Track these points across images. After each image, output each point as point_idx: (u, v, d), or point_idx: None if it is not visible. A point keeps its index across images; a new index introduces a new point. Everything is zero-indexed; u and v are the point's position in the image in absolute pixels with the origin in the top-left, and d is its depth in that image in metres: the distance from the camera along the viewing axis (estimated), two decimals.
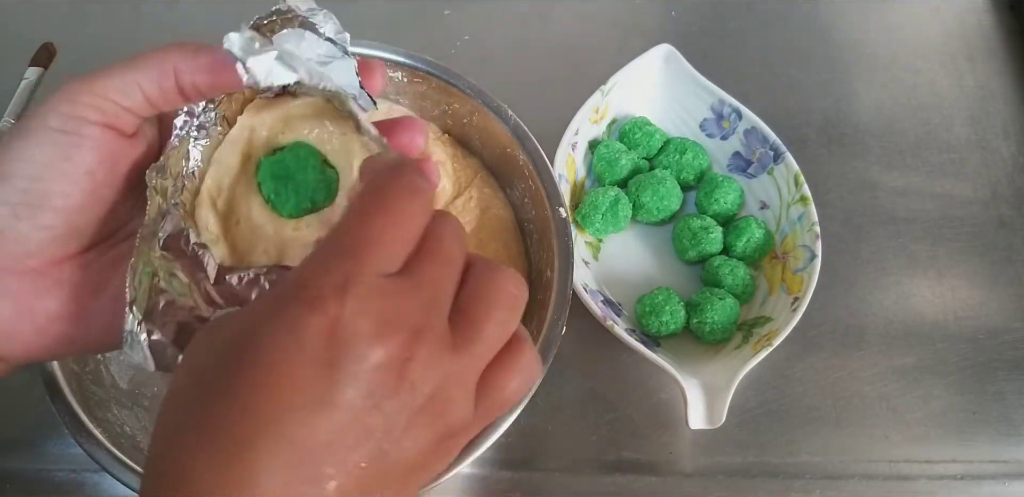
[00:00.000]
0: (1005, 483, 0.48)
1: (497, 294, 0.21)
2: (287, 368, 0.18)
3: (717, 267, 0.49)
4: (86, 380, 0.40)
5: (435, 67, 0.46)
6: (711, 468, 0.47)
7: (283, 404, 0.18)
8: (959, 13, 0.66)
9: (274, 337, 0.18)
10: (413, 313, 0.19)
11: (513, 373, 0.22)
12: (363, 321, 0.18)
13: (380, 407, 0.18)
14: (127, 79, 0.24)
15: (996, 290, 0.54)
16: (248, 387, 0.18)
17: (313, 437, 0.18)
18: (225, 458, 0.18)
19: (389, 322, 0.19)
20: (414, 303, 0.19)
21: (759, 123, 0.52)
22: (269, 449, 0.17)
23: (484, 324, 0.21)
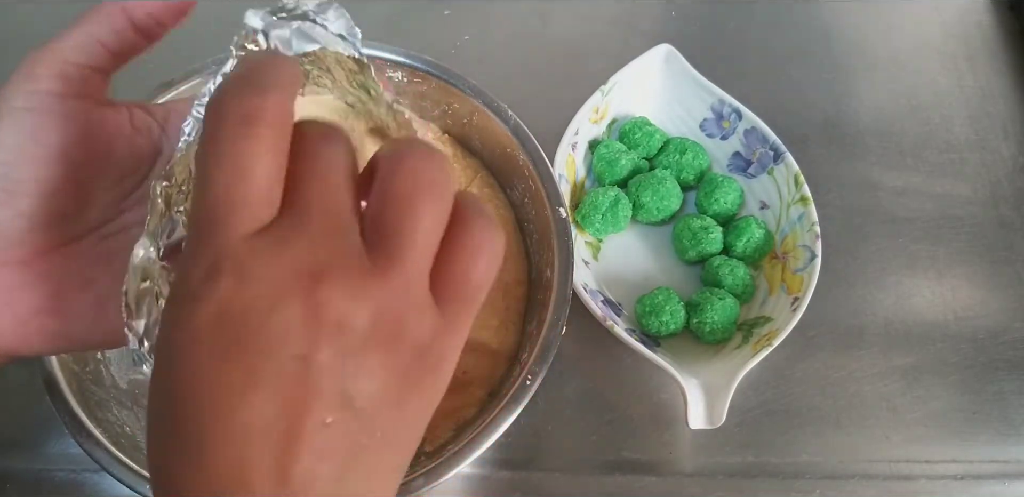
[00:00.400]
0: (1005, 483, 0.48)
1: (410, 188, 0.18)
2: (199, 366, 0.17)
3: (717, 267, 0.49)
4: (86, 380, 0.40)
5: (435, 67, 0.46)
6: (711, 468, 0.47)
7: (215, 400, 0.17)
8: (959, 13, 0.66)
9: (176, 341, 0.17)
10: (302, 257, 0.17)
11: (469, 257, 0.19)
12: (249, 290, 0.17)
13: (314, 361, 0.17)
14: (80, 35, 0.23)
15: (996, 290, 0.54)
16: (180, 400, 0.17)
17: (256, 420, 0.17)
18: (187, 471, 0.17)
19: (276, 278, 0.17)
20: (299, 246, 0.17)
21: (759, 123, 0.52)
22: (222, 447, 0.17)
23: (405, 228, 0.18)
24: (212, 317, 0.17)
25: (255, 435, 0.17)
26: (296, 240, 0.17)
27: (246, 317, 0.17)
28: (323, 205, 0.18)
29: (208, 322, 0.17)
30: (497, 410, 0.38)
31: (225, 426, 0.17)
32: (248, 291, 0.17)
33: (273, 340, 0.17)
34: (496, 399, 0.40)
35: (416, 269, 0.18)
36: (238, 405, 0.17)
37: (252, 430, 0.17)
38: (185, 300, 0.17)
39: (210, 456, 0.17)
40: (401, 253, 0.18)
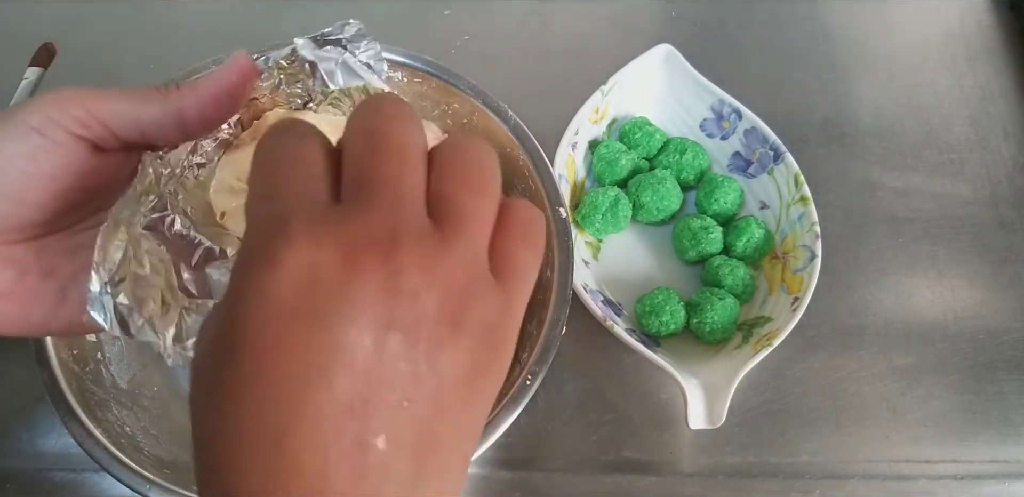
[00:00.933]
0: (1005, 483, 0.48)
1: (466, 168, 0.19)
2: (276, 339, 0.16)
3: (717, 267, 0.49)
4: (86, 380, 0.40)
5: (435, 67, 0.46)
6: (711, 468, 0.47)
7: (291, 376, 0.16)
8: (959, 13, 0.66)
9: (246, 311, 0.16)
10: (376, 224, 0.17)
11: (517, 238, 0.19)
12: (326, 255, 0.16)
13: (389, 336, 0.16)
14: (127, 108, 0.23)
15: (996, 290, 0.54)
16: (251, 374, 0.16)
17: (338, 397, 0.16)
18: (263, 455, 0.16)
19: (353, 245, 0.16)
20: (374, 213, 0.17)
21: (759, 123, 0.52)
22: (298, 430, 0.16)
23: (465, 204, 0.18)
24: (290, 280, 0.16)
25: (335, 415, 0.16)
26: (368, 209, 0.17)
27: (325, 281, 0.16)
28: (395, 179, 0.18)
29: (285, 285, 0.16)
30: (497, 410, 0.38)
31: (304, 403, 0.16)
32: (325, 253, 0.16)
33: (353, 306, 0.16)
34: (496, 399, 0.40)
35: (479, 241, 0.19)
36: (318, 380, 0.16)
37: (332, 409, 0.16)
38: (258, 263, 0.17)
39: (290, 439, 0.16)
40: (464, 225, 0.18)
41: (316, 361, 0.16)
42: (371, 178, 0.18)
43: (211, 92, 0.24)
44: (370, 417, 0.16)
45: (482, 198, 0.19)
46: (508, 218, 0.20)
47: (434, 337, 0.17)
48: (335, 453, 0.16)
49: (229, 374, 0.16)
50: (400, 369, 0.16)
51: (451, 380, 0.17)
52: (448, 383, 0.17)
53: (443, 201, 0.18)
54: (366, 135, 0.19)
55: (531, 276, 0.20)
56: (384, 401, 0.16)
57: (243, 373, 0.16)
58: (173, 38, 0.60)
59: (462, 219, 0.18)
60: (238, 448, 0.16)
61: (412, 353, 0.17)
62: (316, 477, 0.16)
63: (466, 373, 0.17)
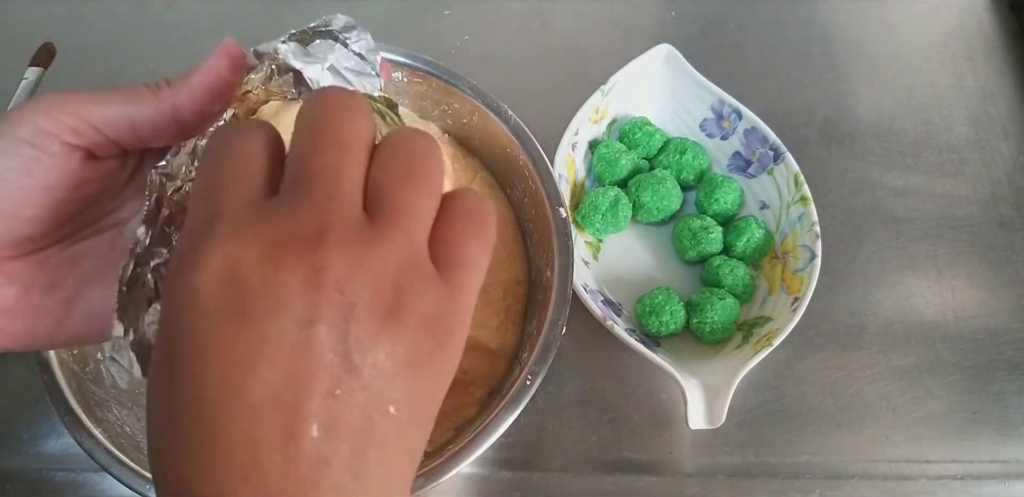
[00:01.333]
0: (1005, 483, 0.48)
1: (407, 160, 0.19)
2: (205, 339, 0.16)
3: (717, 267, 0.49)
4: (86, 380, 0.40)
5: (435, 67, 0.46)
6: (711, 468, 0.47)
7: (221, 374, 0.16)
8: (959, 13, 0.66)
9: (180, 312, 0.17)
10: (306, 219, 0.17)
11: (461, 230, 0.19)
12: (248, 253, 0.17)
13: (317, 329, 0.16)
14: (118, 110, 0.23)
15: (996, 290, 0.54)
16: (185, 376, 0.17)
17: (265, 390, 0.16)
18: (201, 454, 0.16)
19: (277, 242, 0.17)
20: (306, 208, 0.17)
21: (759, 123, 0.52)
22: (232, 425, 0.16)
23: (401, 197, 0.18)
24: (213, 280, 0.16)
25: (263, 408, 0.16)
26: (299, 205, 0.17)
27: (246, 280, 0.16)
28: (331, 173, 0.18)
29: (209, 285, 0.16)
30: (497, 410, 0.38)
31: (233, 399, 0.16)
32: (247, 252, 0.17)
33: (274, 304, 0.16)
34: (496, 399, 0.40)
35: (416, 234, 0.19)
36: (245, 376, 0.16)
37: (261, 403, 0.16)
38: (185, 264, 0.17)
39: (221, 435, 0.16)
40: (400, 219, 0.18)
41: (243, 357, 0.16)
42: (307, 172, 0.18)
43: (203, 84, 0.23)
44: (300, 407, 0.16)
45: (419, 190, 0.19)
46: (453, 210, 0.20)
47: (365, 329, 0.17)
48: (266, 444, 0.16)
49: (166, 375, 0.17)
50: (328, 360, 0.16)
51: (388, 370, 0.17)
52: (385, 373, 0.17)
53: (380, 195, 0.18)
54: (309, 127, 0.19)
55: (478, 267, 0.20)
56: (313, 391, 0.16)
57: (178, 373, 0.17)
58: (173, 38, 0.60)
59: (398, 212, 0.18)
60: (178, 445, 0.17)
61: (341, 345, 0.17)
62: (248, 471, 0.16)
63: (406, 364, 0.17)
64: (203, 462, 0.16)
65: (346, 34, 0.27)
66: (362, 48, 0.27)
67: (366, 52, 0.27)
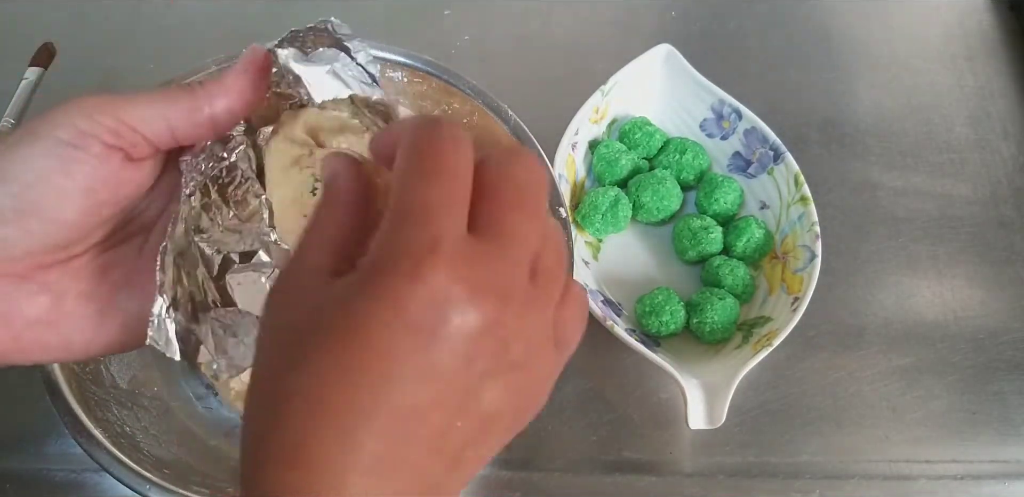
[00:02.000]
0: (1005, 483, 0.48)
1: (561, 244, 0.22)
2: (385, 340, 0.18)
3: (717, 267, 0.49)
4: (86, 380, 0.40)
5: (435, 67, 0.46)
6: (711, 468, 0.47)
7: (391, 375, 0.18)
8: (959, 13, 0.66)
9: (370, 309, 0.18)
10: (502, 275, 0.19)
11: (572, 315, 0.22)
12: (457, 286, 0.18)
13: (477, 371, 0.19)
14: (156, 111, 0.23)
15: (996, 290, 0.54)
16: (357, 361, 0.18)
17: (418, 405, 0.18)
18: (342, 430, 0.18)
19: (480, 285, 0.18)
20: (502, 264, 0.19)
21: (759, 123, 0.52)
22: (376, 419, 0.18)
23: (559, 278, 0.21)
24: (424, 297, 0.18)
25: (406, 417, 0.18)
26: (501, 258, 0.19)
27: (451, 310, 0.18)
28: (525, 242, 0.20)
29: (420, 300, 0.18)
30: None
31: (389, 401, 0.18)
32: (459, 287, 0.18)
33: (453, 340, 0.18)
34: None
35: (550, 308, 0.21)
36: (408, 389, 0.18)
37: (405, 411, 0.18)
38: (402, 272, 0.18)
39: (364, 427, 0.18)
40: (552, 295, 0.21)
41: (416, 368, 0.18)
42: (510, 233, 0.20)
43: (237, 87, 0.25)
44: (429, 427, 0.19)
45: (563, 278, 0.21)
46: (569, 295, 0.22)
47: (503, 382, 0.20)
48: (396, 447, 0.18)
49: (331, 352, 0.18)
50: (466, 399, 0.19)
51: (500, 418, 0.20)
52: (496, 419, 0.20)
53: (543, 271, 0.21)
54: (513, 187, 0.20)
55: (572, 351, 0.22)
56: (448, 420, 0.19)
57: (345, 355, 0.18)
58: (173, 38, 0.60)
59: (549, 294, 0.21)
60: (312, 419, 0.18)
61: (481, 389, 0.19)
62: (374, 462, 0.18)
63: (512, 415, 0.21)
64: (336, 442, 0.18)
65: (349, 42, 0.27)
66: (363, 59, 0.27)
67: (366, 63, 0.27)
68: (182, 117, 0.24)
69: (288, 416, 0.18)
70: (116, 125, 0.23)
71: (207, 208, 0.27)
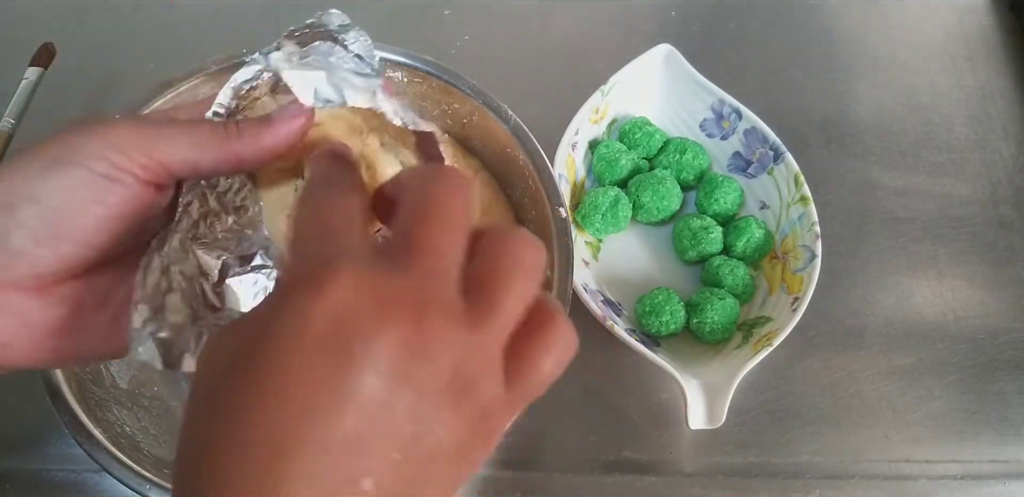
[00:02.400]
0: (1005, 483, 0.48)
1: (513, 262, 0.20)
2: (300, 363, 0.17)
3: (717, 267, 0.49)
4: (86, 380, 0.40)
5: (435, 67, 0.46)
6: (711, 468, 0.47)
7: (305, 404, 0.17)
8: (959, 13, 0.66)
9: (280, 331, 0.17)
10: (414, 286, 0.18)
11: (545, 350, 0.20)
12: (364, 299, 0.17)
13: (400, 389, 0.17)
14: (187, 153, 0.24)
15: (996, 290, 0.54)
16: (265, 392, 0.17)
17: (341, 434, 0.17)
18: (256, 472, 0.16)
19: (389, 297, 0.17)
20: (414, 276, 0.18)
21: (759, 123, 0.52)
22: (301, 452, 0.16)
23: (500, 295, 0.19)
24: (328, 312, 0.17)
25: (332, 448, 0.16)
26: (410, 270, 0.18)
27: (357, 324, 0.17)
28: (439, 251, 0.19)
29: (323, 315, 0.17)
30: None
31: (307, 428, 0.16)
32: (365, 299, 0.17)
33: (376, 355, 0.17)
34: None
35: (500, 335, 0.19)
36: (326, 413, 0.17)
37: (330, 443, 0.16)
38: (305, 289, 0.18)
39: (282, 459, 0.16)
40: (495, 315, 0.19)
41: (333, 393, 0.17)
42: (418, 244, 0.19)
43: (271, 144, 0.25)
44: (364, 458, 0.17)
45: (517, 298, 0.20)
46: (543, 326, 0.20)
47: (438, 403, 0.18)
48: (325, 485, 0.16)
49: (244, 385, 0.17)
50: (401, 423, 0.17)
51: (441, 448, 0.18)
52: (437, 449, 0.18)
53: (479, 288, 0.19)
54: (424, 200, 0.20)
55: (541, 389, 0.20)
56: (381, 447, 0.17)
57: (259, 388, 0.17)
58: (173, 38, 0.60)
59: (492, 313, 0.19)
60: (231, 459, 0.17)
61: (415, 411, 0.17)
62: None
63: (454, 448, 0.18)
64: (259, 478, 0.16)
65: (343, 34, 0.27)
66: (360, 48, 0.27)
67: (364, 52, 0.27)
68: (211, 161, 0.25)
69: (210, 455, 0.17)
70: (148, 162, 0.24)
71: (206, 216, 0.28)
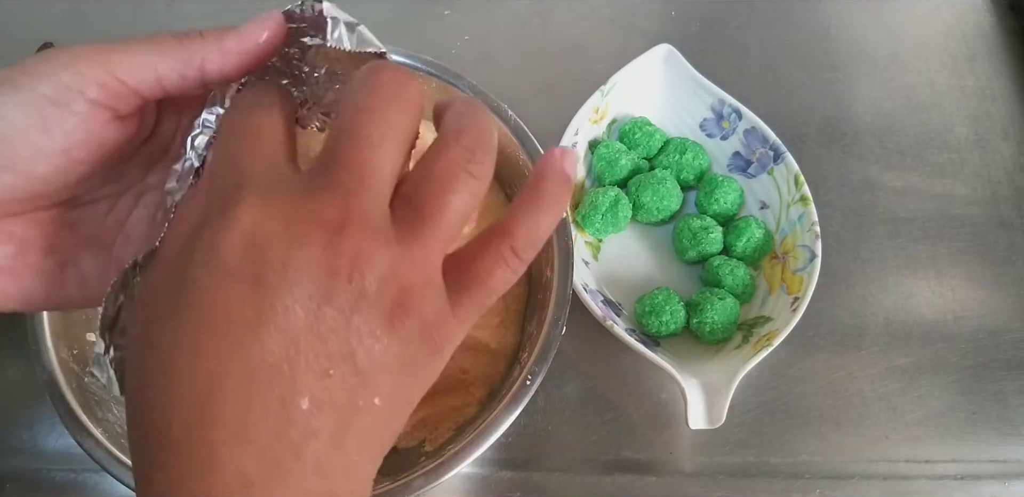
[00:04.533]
0: (1005, 483, 0.48)
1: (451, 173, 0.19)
2: (216, 295, 0.17)
3: (717, 267, 0.49)
4: (86, 380, 0.40)
5: (435, 67, 0.46)
6: (711, 468, 0.47)
7: (224, 334, 0.17)
8: (959, 13, 0.66)
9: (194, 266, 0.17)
10: (329, 205, 0.17)
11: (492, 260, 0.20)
12: (273, 223, 0.17)
13: (323, 310, 0.17)
14: (145, 60, 0.22)
15: (996, 290, 0.54)
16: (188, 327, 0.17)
17: (266, 356, 0.16)
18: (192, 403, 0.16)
19: (300, 220, 0.17)
20: (330, 194, 0.18)
21: (759, 123, 0.52)
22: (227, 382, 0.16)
23: (431, 205, 0.18)
24: (236, 242, 0.17)
25: (260, 373, 0.16)
26: (325, 188, 0.18)
27: (268, 249, 0.17)
28: (366, 165, 0.18)
29: (232, 245, 0.17)
30: (497, 410, 0.38)
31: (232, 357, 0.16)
32: (272, 223, 0.17)
33: (290, 278, 0.17)
34: (496, 399, 0.40)
35: (436, 248, 0.19)
36: (249, 339, 0.17)
37: (258, 367, 0.16)
38: (211, 223, 0.17)
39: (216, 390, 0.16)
40: (425, 229, 0.18)
41: (251, 320, 0.17)
42: (342, 159, 0.18)
43: (235, 48, 0.23)
44: (296, 379, 0.17)
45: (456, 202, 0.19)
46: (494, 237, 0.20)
47: (367, 320, 0.17)
48: (258, 407, 0.16)
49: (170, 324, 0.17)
50: (329, 341, 0.17)
51: (379, 364, 0.18)
52: (376, 365, 0.18)
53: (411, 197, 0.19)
54: (355, 111, 0.19)
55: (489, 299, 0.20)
56: (311, 366, 0.17)
57: (182, 324, 0.17)
58: None
59: (424, 221, 0.18)
60: (167, 394, 0.17)
61: (343, 330, 0.17)
62: (239, 427, 0.16)
63: (398, 362, 0.18)
64: (193, 413, 0.16)
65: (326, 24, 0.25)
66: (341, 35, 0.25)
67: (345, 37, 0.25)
68: (171, 68, 0.22)
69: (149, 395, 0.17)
70: (102, 76, 0.21)
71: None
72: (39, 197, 0.23)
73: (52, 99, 0.21)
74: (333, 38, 0.23)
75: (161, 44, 0.22)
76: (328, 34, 0.23)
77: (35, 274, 0.24)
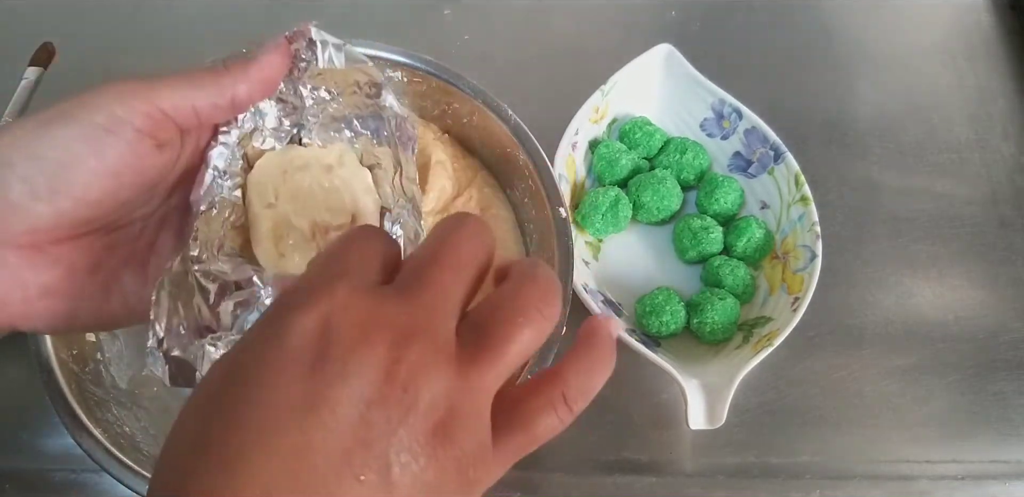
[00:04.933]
0: (1005, 483, 0.48)
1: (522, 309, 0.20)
2: (273, 374, 0.17)
3: (717, 267, 0.49)
4: (86, 380, 0.40)
5: (435, 67, 0.46)
6: (711, 468, 0.47)
7: (271, 411, 0.17)
8: (959, 13, 0.66)
9: (261, 345, 0.18)
10: (405, 314, 0.18)
11: (541, 408, 0.20)
12: (350, 317, 0.18)
13: (371, 410, 0.17)
14: (185, 94, 0.26)
15: (996, 290, 0.54)
16: (237, 400, 0.17)
17: (304, 444, 0.16)
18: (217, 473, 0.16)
19: (375, 320, 0.18)
20: (408, 306, 0.18)
21: (759, 123, 0.52)
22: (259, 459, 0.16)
23: (499, 341, 0.19)
24: (310, 326, 0.17)
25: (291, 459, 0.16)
26: (403, 301, 0.19)
27: (337, 340, 0.17)
28: (438, 286, 0.19)
29: (304, 328, 0.17)
30: None
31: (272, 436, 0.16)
32: (350, 317, 0.18)
33: (349, 371, 0.17)
34: None
35: (491, 378, 0.19)
36: (290, 425, 0.16)
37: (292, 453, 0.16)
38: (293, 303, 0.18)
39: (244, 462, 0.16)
40: (486, 356, 0.19)
41: (300, 404, 0.17)
42: (422, 279, 0.19)
43: (257, 76, 0.27)
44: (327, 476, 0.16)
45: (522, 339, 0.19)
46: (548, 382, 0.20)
47: (411, 435, 0.17)
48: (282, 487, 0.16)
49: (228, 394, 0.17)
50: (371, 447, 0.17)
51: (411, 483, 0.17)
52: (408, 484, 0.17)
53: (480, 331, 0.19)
54: (439, 243, 0.20)
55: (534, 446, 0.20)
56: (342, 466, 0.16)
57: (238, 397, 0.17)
58: (173, 38, 0.60)
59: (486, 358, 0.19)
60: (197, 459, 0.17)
61: (385, 439, 0.17)
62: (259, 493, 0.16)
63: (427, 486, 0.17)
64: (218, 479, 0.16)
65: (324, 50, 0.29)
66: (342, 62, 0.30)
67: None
68: (207, 103, 0.26)
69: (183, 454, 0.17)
70: (150, 108, 0.25)
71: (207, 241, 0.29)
72: (88, 221, 0.26)
73: (106, 128, 0.24)
74: (324, 59, 0.28)
75: (199, 79, 0.26)
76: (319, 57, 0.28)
77: (82, 294, 0.26)
